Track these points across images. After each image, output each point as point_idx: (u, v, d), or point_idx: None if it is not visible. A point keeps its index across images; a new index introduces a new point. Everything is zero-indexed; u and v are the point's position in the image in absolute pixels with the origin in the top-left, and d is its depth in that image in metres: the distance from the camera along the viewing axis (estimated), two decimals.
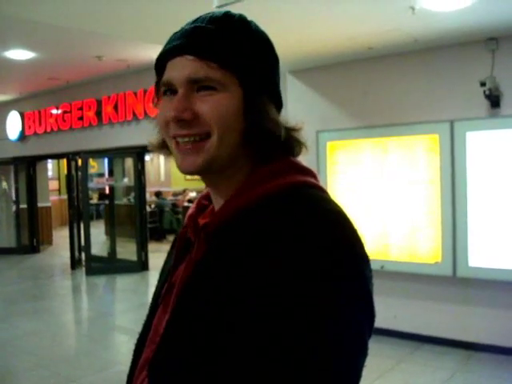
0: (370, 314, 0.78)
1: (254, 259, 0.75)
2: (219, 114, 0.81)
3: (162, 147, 0.93)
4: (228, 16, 0.86)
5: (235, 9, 0.90)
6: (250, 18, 0.89)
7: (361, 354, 0.75)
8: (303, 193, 0.82)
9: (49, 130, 9.44)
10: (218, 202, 0.90)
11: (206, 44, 0.82)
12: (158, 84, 0.89)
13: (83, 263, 9.28)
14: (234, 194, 0.85)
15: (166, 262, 1.03)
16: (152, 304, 0.99)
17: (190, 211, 0.96)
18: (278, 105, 0.90)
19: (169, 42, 0.87)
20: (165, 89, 0.86)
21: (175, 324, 0.83)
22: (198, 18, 0.86)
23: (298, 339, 0.70)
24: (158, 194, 13.58)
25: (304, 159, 0.91)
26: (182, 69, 0.82)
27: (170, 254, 1.03)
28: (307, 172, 0.88)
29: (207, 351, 0.75)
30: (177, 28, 0.89)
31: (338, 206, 0.81)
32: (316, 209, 0.78)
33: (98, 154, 9.75)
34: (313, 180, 0.87)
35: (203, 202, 0.98)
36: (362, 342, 0.75)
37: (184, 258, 0.92)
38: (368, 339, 0.77)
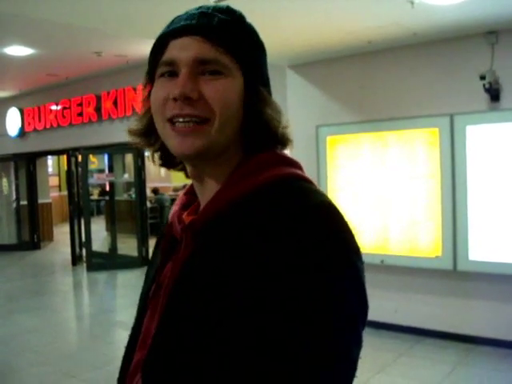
0: (364, 305, 0.77)
1: (245, 254, 0.75)
2: (224, 98, 0.81)
3: (145, 134, 0.90)
4: (230, 9, 0.87)
5: (234, 3, 0.91)
6: (249, 12, 0.91)
7: (355, 346, 0.75)
8: (292, 185, 0.82)
9: (48, 126, 9.43)
10: (204, 196, 0.88)
11: (214, 27, 0.82)
12: (152, 64, 0.86)
13: (84, 259, 9.30)
14: (222, 188, 0.84)
15: (151, 263, 1.00)
16: (140, 305, 0.97)
17: (174, 208, 0.95)
18: None
19: (173, 23, 0.85)
20: (163, 70, 0.83)
21: (166, 326, 0.82)
22: (201, 6, 0.86)
23: (292, 333, 0.70)
24: (155, 191, 13.55)
25: (304, 154, 0.91)
26: (188, 49, 0.81)
27: (154, 253, 1.01)
28: (294, 164, 0.87)
29: (200, 351, 0.75)
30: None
31: (328, 198, 0.80)
32: (306, 202, 0.78)
33: (98, 149, 9.76)
34: (300, 172, 0.86)
35: (187, 197, 0.96)
36: (356, 333, 0.75)
37: (170, 256, 0.90)
38: (362, 330, 0.77)
